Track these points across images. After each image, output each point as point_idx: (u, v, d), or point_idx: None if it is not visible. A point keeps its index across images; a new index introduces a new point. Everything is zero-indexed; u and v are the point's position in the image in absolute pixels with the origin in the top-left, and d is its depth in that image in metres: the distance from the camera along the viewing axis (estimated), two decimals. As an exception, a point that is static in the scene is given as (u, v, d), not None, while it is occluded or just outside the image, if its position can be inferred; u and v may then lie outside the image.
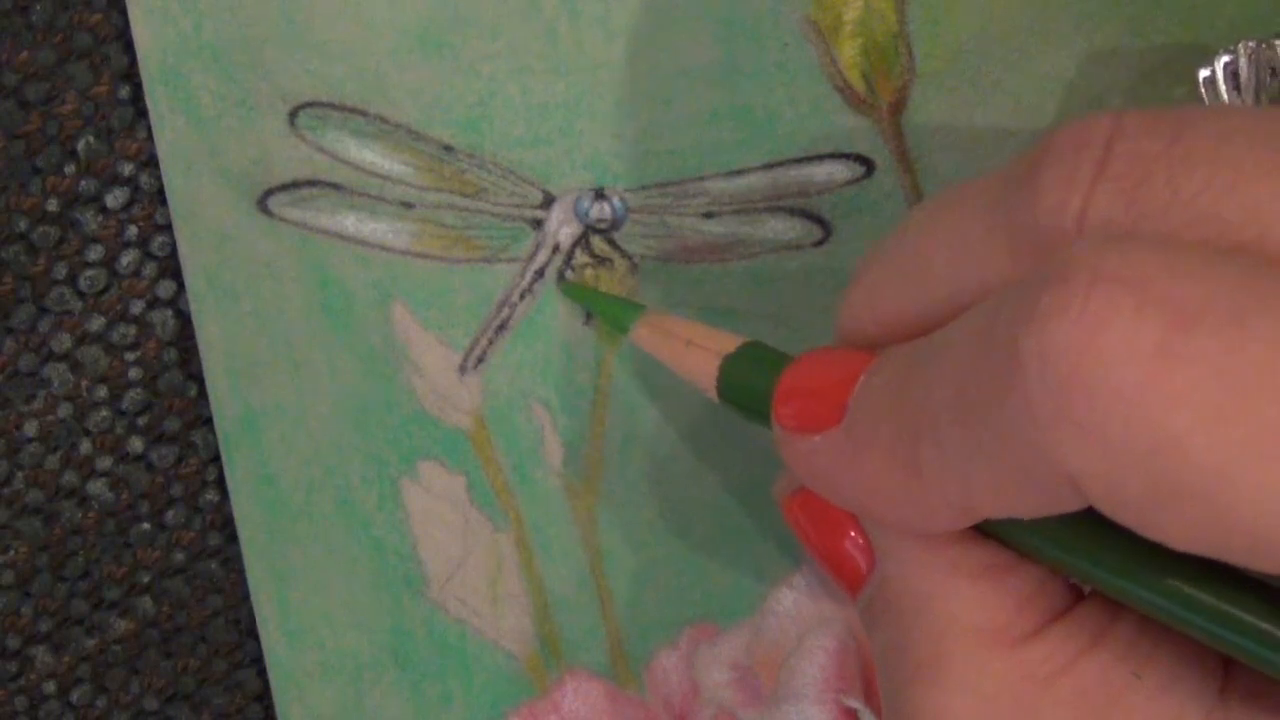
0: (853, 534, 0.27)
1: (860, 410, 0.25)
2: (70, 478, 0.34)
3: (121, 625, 0.35)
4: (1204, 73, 0.30)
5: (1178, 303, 0.20)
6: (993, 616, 0.24)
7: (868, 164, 0.33)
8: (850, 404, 0.25)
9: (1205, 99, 0.31)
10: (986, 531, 0.25)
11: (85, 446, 0.34)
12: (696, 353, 0.29)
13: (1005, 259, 0.23)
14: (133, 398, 0.34)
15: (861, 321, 0.26)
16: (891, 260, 0.26)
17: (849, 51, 0.33)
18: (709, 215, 0.33)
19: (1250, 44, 0.30)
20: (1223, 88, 0.30)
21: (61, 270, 0.33)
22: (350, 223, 0.33)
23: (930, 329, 0.24)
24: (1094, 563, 0.24)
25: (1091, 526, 0.23)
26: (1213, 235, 0.21)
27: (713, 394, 0.29)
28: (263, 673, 0.35)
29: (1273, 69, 0.30)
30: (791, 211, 0.33)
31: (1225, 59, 0.30)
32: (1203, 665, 0.24)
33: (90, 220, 0.33)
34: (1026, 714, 0.24)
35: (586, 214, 0.33)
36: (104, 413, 0.34)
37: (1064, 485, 0.21)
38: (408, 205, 0.33)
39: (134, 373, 0.34)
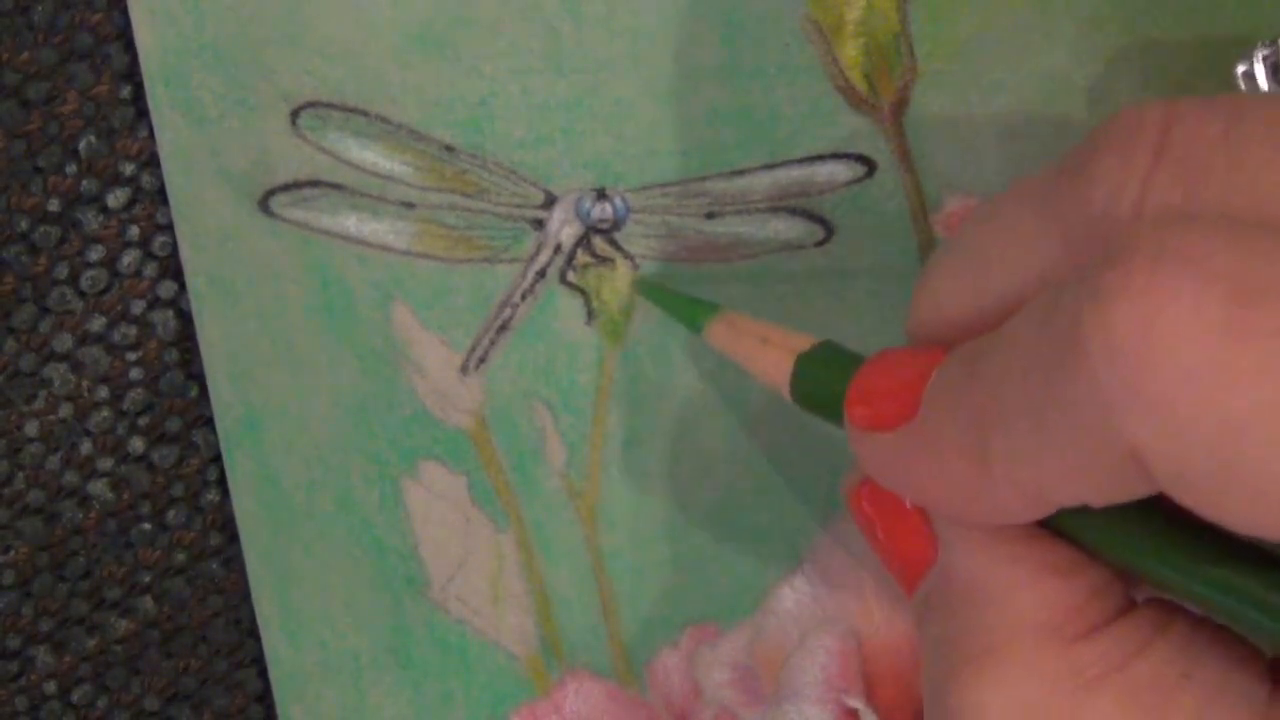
0: (919, 526, 0.27)
1: (931, 406, 0.25)
2: (71, 478, 0.34)
3: (122, 625, 0.35)
4: (1241, 67, 0.30)
5: (1241, 279, 0.20)
6: (1050, 614, 0.24)
7: (869, 164, 0.33)
8: (923, 399, 0.25)
9: (1244, 91, 0.31)
10: (1052, 528, 0.25)
11: (86, 447, 0.34)
12: (771, 352, 0.30)
13: (1062, 250, 0.23)
14: (134, 398, 0.34)
15: (930, 322, 0.26)
16: (953, 260, 0.26)
17: (850, 51, 0.33)
18: (710, 215, 0.33)
19: None
20: (1263, 82, 0.30)
21: (63, 270, 0.33)
22: (352, 223, 0.33)
23: (997, 324, 0.24)
24: (1157, 556, 0.24)
25: (1156, 520, 0.24)
26: (1271, 220, 0.21)
27: (786, 393, 0.29)
28: (264, 673, 0.35)
29: None
30: (793, 211, 0.33)
31: (1264, 52, 0.30)
32: (1253, 669, 0.24)
33: (91, 220, 0.33)
34: (1072, 713, 0.24)
35: (588, 214, 0.33)
36: (105, 413, 0.34)
37: (1130, 466, 0.21)
38: (409, 205, 0.33)
39: (135, 373, 0.34)
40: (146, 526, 0.35)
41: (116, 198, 0.33)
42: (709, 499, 0.34)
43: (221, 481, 0.35)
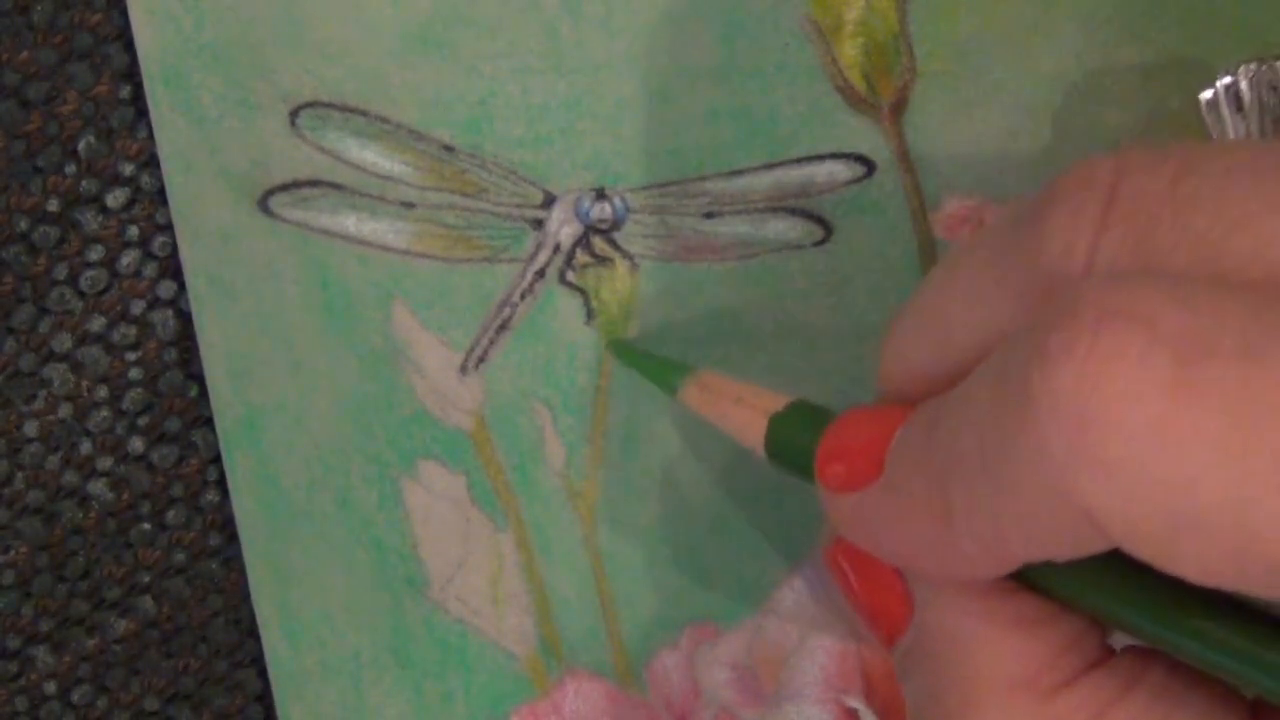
0: (894, 583, 0.27)
1: (896, 464, 0.25)
2: (71, 478, 0.34)
3: (122, 625, 0.35)
4: (1206, 95, 0.31)
5: (1187, 337, 0.20)
6: (1026, 667, 0.25)
7: (868, 164, 0.33)
8: (887, 459, 0.25)
9: (1207, 120, 0.31)
10: (1023, 581, 0.25)
11: (86, 446, 0.34)
12: (745, 412, 0.30)
13: (1017, 306, 0.24)
14: (133, 398, 0.34)
15: (897, 379, 0.26)
16: (916, 317, 0.26)
17: (850, 51, 0.33)
18: (710, 215, 0.33)
19: (1250, 66, 0.30)
20: (1225, 109, 0.30)
21: (62, 270, 0.33)
22: (351, 223, 0.33)
23: (959, 380, 0.24)
24: (1127, 606, 0.24)
25: (1123, 570, 0.24)
26: (1221, 272, 0.21)
27: (761, 452, 0.29)
28: (263, 673, 0.35)
29: (1274, 88, 0.30)
30: (792, 211, 0.33)
31: (1226, 80, 0.30)
32: (1234, 711, 0.24)
33: (91, 220, 0.33)
34: None
35: (587, 214, 0.33)
36: (104, 413, 0.34)
37: (1086, 525, 0.21)
38: (408, 205, 0.33)
39: (134, 373, 0.34)
40: (146, 526, 0.35)
41: (116, 198, 0.33)
42: (709, 499, 0.34)
43: (221, 481, 0.35)
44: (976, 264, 0.25)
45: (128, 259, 0.34)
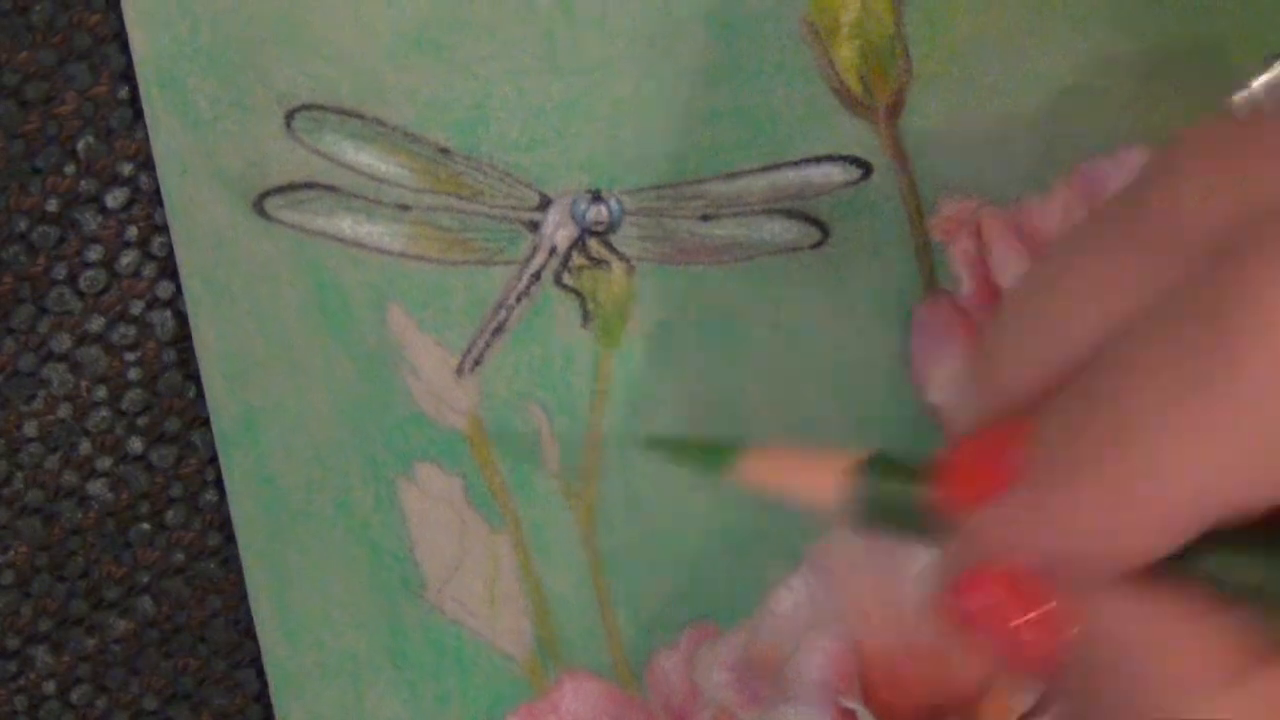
0: (1047, 606, 0.26)
1: (1045, 451, 0.24)
2: (70, 478, 0.34)
3: (121, 625, 0.35)
4: (1239, 95, 0.30)
5: None
6: (1216, 656, 0.24)
7: (865, 166, 0.33)
8: (1030, 452, 0.24)
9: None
10: (1191, 577, 0.24)
11: (85, 446, 0.34)
12: (814, 476, 0.27)
13: (1161, 274, 0.23)
14: (132, 398, 0.34)
15: (999, 390, 0.25)
16: (1020, 321, 0.25)
17: (846, 53, 0.33)
18: (706, 217, 0.33)
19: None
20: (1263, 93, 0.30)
21: (61, 270, 0.34)
22: (347, 225, 0.33)
23: (1080, 371, 0.24)
24: None
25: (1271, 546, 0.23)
26: None
27: (839, 516, 0.27)
28: (262, 673, 0.36)
29: None
30: (789, 213, 0.33)
31: (1266, 77, 0.30)
32: None
33: (90, 220, 0.33)
34: None
35: (583, 216, 0.33)
36: (103, 413, 0.34)
37: None
38: (404, 207, 0.33)
39: (133, 373, 0.34)
40: (145, 526, 0.35)
41: (115, 198, 0.33)
42: (707, 500, 0.34)
43: (220, 482, 0.35)
44: (1097, 246, 0.24)
45: (127, 259, 0.34)
